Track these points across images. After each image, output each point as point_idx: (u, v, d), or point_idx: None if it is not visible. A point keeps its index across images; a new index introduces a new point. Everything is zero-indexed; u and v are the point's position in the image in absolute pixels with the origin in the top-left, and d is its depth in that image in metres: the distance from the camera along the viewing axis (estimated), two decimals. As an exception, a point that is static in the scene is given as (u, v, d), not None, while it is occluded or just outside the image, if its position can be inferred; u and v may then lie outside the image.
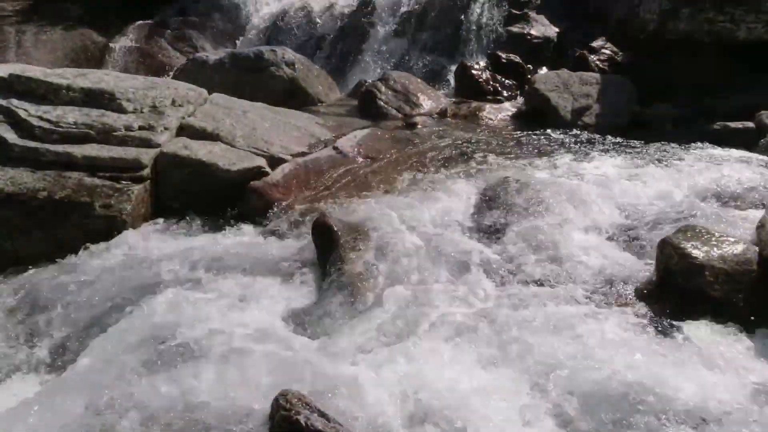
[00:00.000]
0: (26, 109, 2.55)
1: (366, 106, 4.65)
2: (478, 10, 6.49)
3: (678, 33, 4.56)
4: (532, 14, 6.57)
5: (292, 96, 4.79)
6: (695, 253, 1.69)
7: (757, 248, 1.73)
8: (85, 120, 2.58)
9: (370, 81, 5.26)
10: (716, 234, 1.80)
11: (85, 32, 6.67)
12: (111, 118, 2.66)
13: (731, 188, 2.69)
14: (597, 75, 4.53)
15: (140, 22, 7.08)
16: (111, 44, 6.66)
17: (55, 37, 6.41)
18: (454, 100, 5.24)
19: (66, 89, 2.67)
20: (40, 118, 2.51)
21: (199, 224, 2.65)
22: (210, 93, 4.39)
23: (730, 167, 3.08)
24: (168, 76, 6.33)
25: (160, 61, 6.67)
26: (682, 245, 1.72)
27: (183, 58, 6.94)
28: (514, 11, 6.52)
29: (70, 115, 2.59)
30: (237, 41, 7.18)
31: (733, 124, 3.99)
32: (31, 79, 2.66)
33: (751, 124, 3.95)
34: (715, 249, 1.71)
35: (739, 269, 1.65)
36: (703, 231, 1.80)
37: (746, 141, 3.85)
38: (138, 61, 6.60)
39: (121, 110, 2.74)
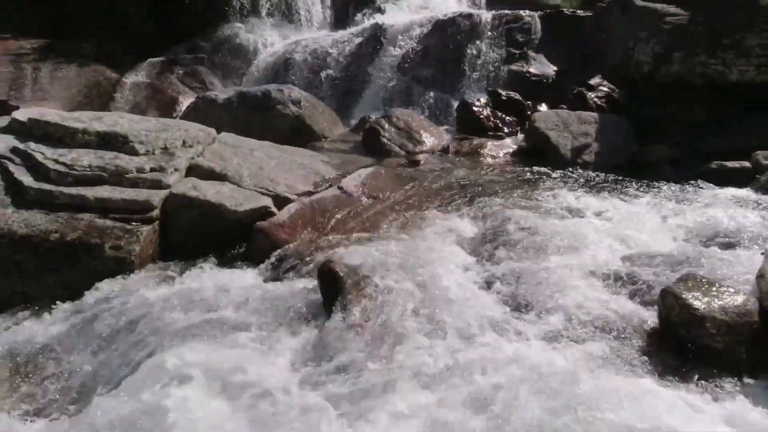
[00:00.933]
0: (43, 153, 2.63)
1: (370, 143, 4.77)
2: (479, 49, 6.72)
3: (671, 75, 4.71)
4: (531, 53, 6.79)
5: (298, 133, 4.92)
6: (696, 304, 1.71)
7: (757, 299, 1.75)
8: (99, 162, 2.67)
9: (373, 118, 5.42)
10: (717, 284, 1.82)
11: (99, 69, 6.89)
12: (124, 161, 2.74)
13: (731, 231, 2.73)
14: (595, 114, 4.65)
15: (151, 59, 7.32)
16: (123, 80, 6.87)
17: (69, 73, 6.62)
18: (456, 136, 5.37)
19: (82, 133, 2.77)
20: (56, 161, 2.59)
21: (205, 265, 2.68)
22: (219, 131, 4.53)
23: (729, 208, 3.13)
24: (178, 113, 6.60)
25: (170, 97, 6.86)
26: (684, 296, 1.75)
27: (192, 94, 7.16)
28: (514, 50, 6.75)
29: (85, 158, 2.67)
30: (244, 77, 7.42)
31: (729, 164, 4.07)
32: (49, 123, 2.76)
33: (747, 164, 4.04)
34: (716, 300, 1.74)
35: (740, 321, 1.67)
36: (703, 281, 1.83)
37: (743, 180, 3.93)
38: (149, 97, 6.79)
39: (134, 152, 2.83)
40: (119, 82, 6.86)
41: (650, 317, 1.95)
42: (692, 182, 3.95)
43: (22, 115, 2.84)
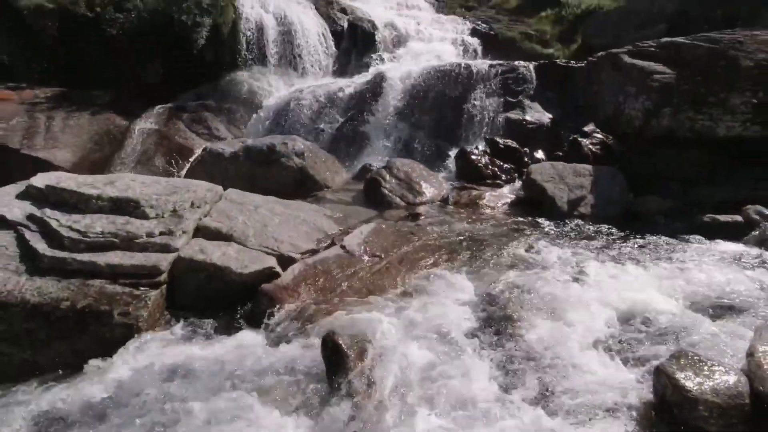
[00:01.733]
0: (58, 219, 2.74)
1: (371, 194, 4.90)
2: (477, 98, 6.98)
3: (661, 129, 4.89)
4: (527, 102, 7.04)
5: (302, 184, 5.07)
6: (689, 385, 1.76)
7: (747, 379, 1.80)
8: (111, 228, 2.77)
9: (375, 167, 5.57)
10: (709, 362, 1.87)
11: (110, 116, 7.14)
12: (135, 225, 2.85)
13: (726, 295, 2.80)
14: (589, 167, 4.80)
15: (160, 106, 7.59)
16: (132, 127, 7.10)
17: (81, 121, 6.86)
18: (455, 185, 5.51)
19: (96, 199, 2.89)
20: (70, 228, 2.69)
21: (210, 329, 2.74)
22: (225, 183, 4.67)
23: (723, 268, 3.20)
24: (183, 159, 6.79)
25: (176, 143, 7.07)
26: (677, 375, 1.80)
27: (199, 140, 7.39)
28: (510, 99, 7.01)
29: (98, 224, 2.78)
30: (249, 123, 7.66)
31: (722, 218, 4.17)
32: (65, 190, 2.88)
33: (739, 218, 4.14)
34: (707, 380, 1.78)
35: (731, 403, 1.72)
36: (695, 359, 1.89)
37: (735, 234, 4.02)
38: (156, 143, 6.99)
39: (145, 216, 2.94)
40: (128, 130, 7.09)
41: (646, 391, 2.00)
42: (686, 236, 4.04)
43: (39, 181, 2.96)
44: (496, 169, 5.81)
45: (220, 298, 2.89)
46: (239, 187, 4.82)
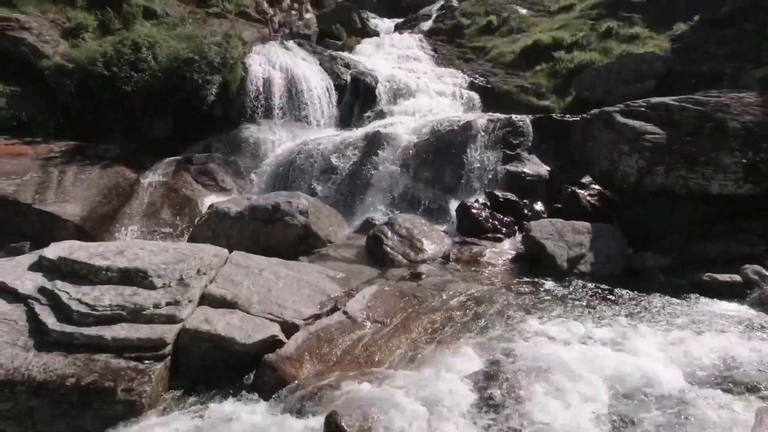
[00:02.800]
0: (68, 292, 2.81)
1: (373, 251, 4.97)
2: (476, 151, 7.19)
3: (656, 186, 5.01)
4: (525, 154, 7.25)
5: (305, 240, 5.16)
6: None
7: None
8: (119, 301, 2.83)
9: (377, 222, 5.68)
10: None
11: (120, 170, 7.35)
12: (142, 297, 2.91)
13: (726, 366, 2.80)
14: (588, 225, 4.88)
15: (169, 158, 7.83)
16: (140, 180, 7.30)
17: (92, 175, 7.06)
18: (456, 239, 5.60)
19: (106, 270, 2.97)
20: (80, 301, 2.76)
21: (213, 400, 2.74)
22: (230, 240, 4.77)
23: (724, 335, 3.21)
24: (190, 210, 6.94)
25: (183, 195, 7.24)
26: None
27: (205, 191, 7.58)
28: (508, 151, 7.22)
29: (107, 296, 2.84)
30: (254, 175, 7.87)
31: (721, 277, 4.21)
32: (76, 262, 2.97)
33: (738, 278, 4.17)
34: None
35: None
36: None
37: (735, 294, 4.05)
38: (163, 195, 7.16)
39: (152, 286, 3.01)
40: (137, 182, 7.29)
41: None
42: (687, 295, 4.08)
43: (51, 252, 3.06)
44: (496, 222, 5.91)
45: (223, 368, 2.91)
46: (244, 245, 4.96)
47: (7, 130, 7.65)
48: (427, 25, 15.44)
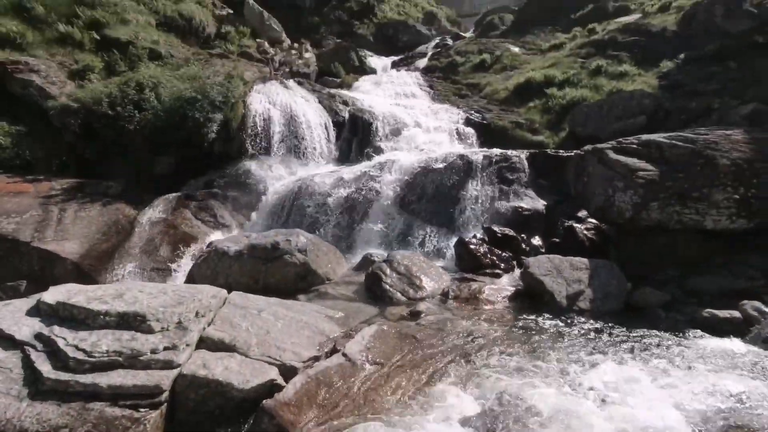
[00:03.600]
0: (65, 338, 2.79)
1: (372, 288, 4.96)
2: (473, 186, 7.29)
3: (651, 221, 5.07)
4: (521, 189, 7.35)
5: (303, 278, 5.16)
6: None
7: None
8: (116, 346, 2.81)
9: (376, 259, 5.69)
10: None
11: (120, 206, 7.41)
12: (139, 342, 2.89)
13: (731, 410, 2.77)
14: (586, 261, 4.90)
15: (169, 195, 7.89)
16: (139, 217, 7.34)
17: (92, 213, 7.11)
18: (455, 275, 5.59)
19: (104, 315, 2.96)
20: (76, 347, 2.73)
21: (209, 450, 2.68)
22: (229, 279, 4.76)
23: (728, 375, 3.18)
24: (188, 247, 6.95)
25: (182, 232, 7.26)
26: None
27: (205, 227, 7.60)
28: (505, 187, 7.32)
29: (104, 341, 2.82)
30: (253, 211, 7.93)
31: (720, 314, 4.21)
32: (74, 306, 2.96)
33: (737, 314, 4.17)
34: None
35: None
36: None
37: (736, 330, 4.04)
38: (162, 232, 7.18)
39: (150, 330, 2.99)
40: (136, 219, 7.32)
41: None
42: (688, 331, 4.06)
43: (50, 297, 3.05)
44: (494, 258, 5.93)
45: (220, 415, 2.85)
46: (243, 284, 4.95)
47: (10, 168, 7.76)
48: (422, 62, 15.96)
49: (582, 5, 16.53)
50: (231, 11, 16.28)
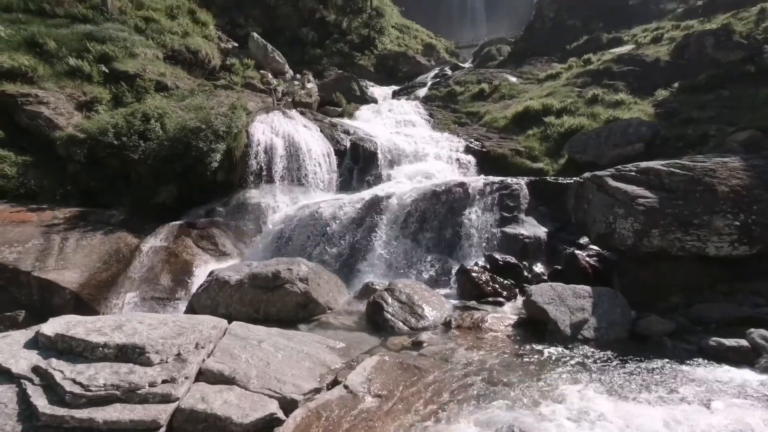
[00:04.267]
0: (62, 371, 2.75)
1: (374, 318, 4.92)
2: (474, 214, 7.31)
3: (653, 248, 5.06)
4: (522, 216, 7.37)
5: (304, 307, 5.12)
6: None
7: None
8: (114, 379, 2.76)
9: (377, 287, 5.65)
10: None
11: (122, 235, 7.43)
12: (138, 375, 2.84)
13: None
14: (589, 289, 4.86)
15: (171, 223, 7.93)
16: (141, 246, 7.34)
17: (94, 241, 7.13)
18: (456, 304, 5.55)
19: (102, 347, 2.92)
20: (74, 381, 2.69)
21: (205, 489, 2.59)
22: (229, 308, 4.72)
23: (735, 406, 3.10)
24: (189, 275, 6.93)
25: (183, 260, 7.26)
26: None
27: (206, 256, 7.60)
28: (505, 214, 7.35)
29: (102, 374, 2.78)
30: (255, 239, 7.94)
31: (727, 342, 4.13)
32: (73, 339, 2.94)
33: (745, 342, 4.09)
34: None
35: None
36: None
37: (744, 359, 3.96)
38: (164, 260, 7.17)
39: (149, 363, 2.95)
40: (137, 248, 7.33)
41: None
42: (695, 362, 3.97)
43: (49, 328, 3.03)
44: (496, 285, 5.89)
45: (218, 452, 2.77)
46: (244, 313, 4.92)
47: (15, 198, 7.83)
48: (422, 92, 16.32)
49: (576, 37, 17.03)
50: (236, 44, 16.81)
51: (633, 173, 5.58)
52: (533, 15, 20.25)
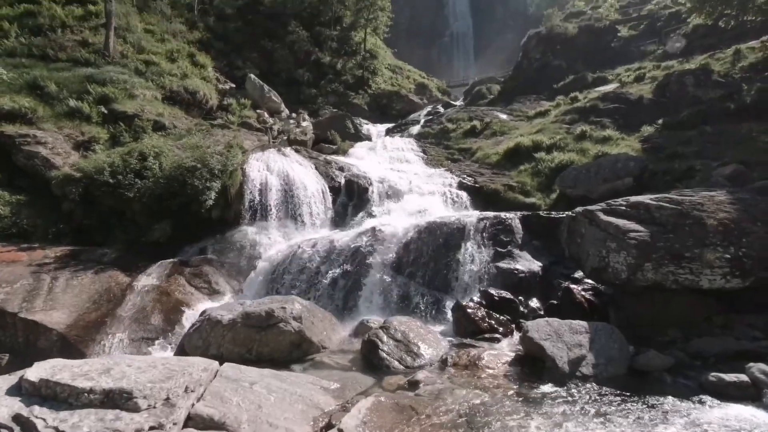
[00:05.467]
0: (45, 419, 2.65)
1: (369, 357, 4.81)
2: (468, 249, 7.32)
3: (647, 281, 5.06)
4: (516, 251, 7.38)
5: (298, 347, 5.01)
6: None
7: None
8: (99, 427, 2.66)
9: (372, 325, 5.57)
10: None
11: (113, 274, 7.33)
12: (124, 421, 2.74)
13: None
14: (585, 324, 4.82)
15: (164, 261, 7.85)
16: (132, 284, 7.24)
17: (85, 281, 7.02)
18: (453, 341, 5.46)
19: (88, 392, 2.84)
20: (56, 429, 2.59)
21: None
22: (221, 349, 4.61)
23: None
24: (181, 316, 6.80)
25: (175, 299, 7.14)
26: None
27: (198, 294, 7.50)
28: (500, 249, 7.36)
29: (86, 422, 2.68)
30: (248, 277, 7.86)
31: (727, 377, 4.07)
32: (58, 384, 2.85)
33: (745, 377, 4.04)
34: None
35: None
36: None
37: (745, 395, 3.89)
38: (155, 300, 7.05)
39: (136, 408, 2.85)
40: (129, 287, 7.22)
41: None
42: (695, 399, 3.90)
43: (33, 374, 2.94)
44: (492, 321, 5.83)
45: (205, 506, 2.64)
46: (236, 353, 4.80)
47: (6, 237, 7.77)
48: (415, 129, 16.71)
49: (562, 76, 17.69)
50: (233, 85, 17.28)
51: (623, 207, 5.67)
52: (520, 56, 21.11)
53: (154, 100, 12.01)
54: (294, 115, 17.77)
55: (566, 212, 6.86)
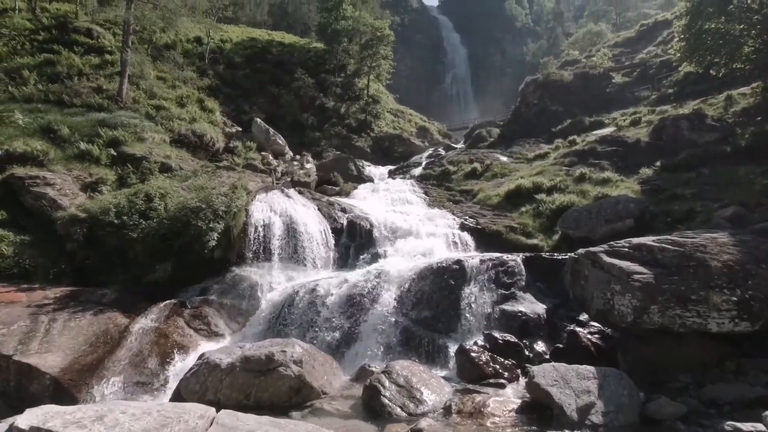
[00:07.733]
0: (32, 470, 2.55)
1: (370, 403, 4.65)
2: (472, 291, 7.22)
3: (654, 324, 4.97)
4: (519, 293, 7.29)
5: (298, 392, 4.87)
6: None
7: None
8: (88, 479, 2.55)
9: (374, 370, 5.43)
10: None
11: (112, 315, 7.23)
12: (114, 473, 2.63)
13: None
14: (593, 369, 4.68)
15: (164, 302, 7.76)
16: (131, 326, 7.13)
17: (82, 322, 6.92)
18: (456, 386, 5.30)
19: (79, 441, 2.74)
20: (43, 483, 2.48)
21: None
22: (218, 394, 4.48)
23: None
24: (178, 358, 6.65)
25: (173, 341, 7.01)
26: None
27: (197, 336, 7.36)
28: (503, 291, 7.27)
29: (75, 474, 2.57)
30: (249, 319, 7.74)
31: (744, 427, 3.90)
32: None
33: (762, 427, 3.87)
34: None
35: None
36: None
37: (765, 447, 3.72)
38: (153, 342, 6.92)
39: (127, 460, 2.74)
40: (127, 329, 7.10)
41: None
42: (713, 451, 3.74)
43: (24, 421, 2.85)
44: (497, 366, 5.68)
45: None
46: (234, 399, 4.66)
47: (8, 277, 7.74)
48: (417, 171, 16.98)
49: (560, 120, 18.16)
50: (240, 128, 17.79)
51: (626, 249, 5.66)
52: (519, 101, 21.78)
53: (162, 142, 12.34)
54: (298, 157, 18.16)
55: (569, 254, 6.84)
